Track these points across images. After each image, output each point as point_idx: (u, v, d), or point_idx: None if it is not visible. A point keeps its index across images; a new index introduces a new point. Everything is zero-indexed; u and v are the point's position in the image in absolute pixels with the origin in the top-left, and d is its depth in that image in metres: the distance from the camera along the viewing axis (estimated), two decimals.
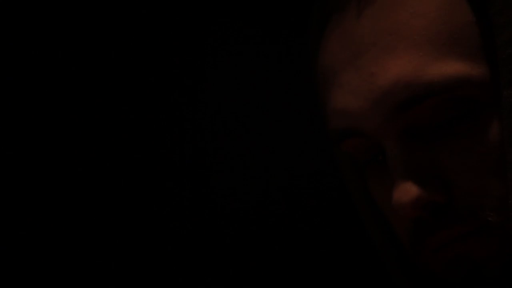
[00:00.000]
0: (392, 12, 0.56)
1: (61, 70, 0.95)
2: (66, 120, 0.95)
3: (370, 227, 0.67)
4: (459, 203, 0.55)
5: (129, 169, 0.95)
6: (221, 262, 0.95)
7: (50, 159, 0.95)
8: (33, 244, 0.94)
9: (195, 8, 0.95)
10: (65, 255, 0.94)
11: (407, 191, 0.55)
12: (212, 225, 0.95)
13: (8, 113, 0.94)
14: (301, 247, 0.95)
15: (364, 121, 0.57)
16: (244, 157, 0.95)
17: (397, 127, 0.56)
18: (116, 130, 0.95)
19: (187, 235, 0.95)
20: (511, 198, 0.52)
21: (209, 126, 0.95)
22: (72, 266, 0.94)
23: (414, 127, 0.56)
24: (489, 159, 0.54)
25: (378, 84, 0.55)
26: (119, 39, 0.95)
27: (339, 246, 0.94)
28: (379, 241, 0.67)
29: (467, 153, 0.55)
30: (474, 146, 0.55)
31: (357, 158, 0.62)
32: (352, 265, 0.93)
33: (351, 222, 0.72)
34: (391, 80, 0.55)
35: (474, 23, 0.55)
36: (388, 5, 0.56)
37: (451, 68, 0.54)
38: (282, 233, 0.95)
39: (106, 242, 0.95)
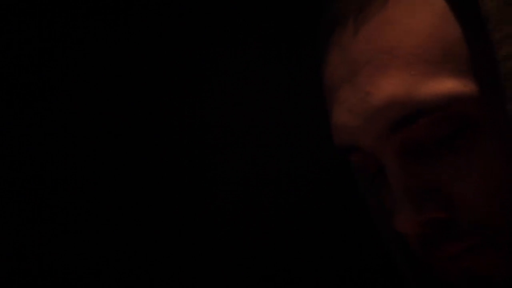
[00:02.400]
0: (386, 30, 0.56)
1: (61, 70, 0.95)
2: (66, 120, 0.95)
3: (384, 233, 0.68)
4: (460, 218, 0.56)
5: (129, 169, 0.95)
6: (221, 262, 0.95)
7: (50, 159, 0.95)
8: (33, 244, 0.94)
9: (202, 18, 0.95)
10: (65, 255, 0.94)
11: (407, 212, 0.55)
12: (211, 224, 0.96)
13: (9, 113, 0.94)
14: (305, 249, 0.95)
15: (361, 139, 0.58)
16: (246, 160, 0.95)
17: (393, 145, 0.57)
18: (116, 130, 0.95)
19: (187, 235, 0.95)
20: None
21: (210, 128, 0.95)
22: (72, 266, 0.94)
23: (411, 144, 0.57)
24: (486, 175, 0.55)
25: (372, 103, 0.56)
26: (119, 39, 0.95)
27: (353, 249, 0.94)
28: (394, 249, 0.67)
29: (463, 169, 0.55)
30: (471, 162, 0.55)
31: (366, 170, 0.62)
32: (365, 268, 0.93)
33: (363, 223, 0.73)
34: (384, 100, 0.55)
35: (466, 39, 0.55)
36: (383, 23, 0.57)
37: (444, 86, 0.54)
38: (287, 233, 0.95)
39: (105, 241, 0.95)
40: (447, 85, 0.54)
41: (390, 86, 0.55)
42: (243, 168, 0.95)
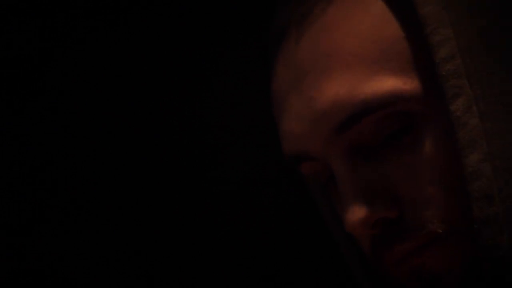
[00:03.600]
0: (327, 34, 0.57)
1: (61, 70, 0.95)
2: (66, 120, 0.95)
3: (340, 243, 0.69)
4: (409, 217, 0.56)
5: (129, 169, 0.95)
6: (220, 262, 0.95)
7: (50, 159, 0.95)
8: (33, 244, 0.94)
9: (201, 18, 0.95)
10: (65, 255, 0.94)
11: (355, 212, 0.56)
12: (211, 224, 0.96)
13: (9, 113, 0.94)
14: (306, 248, 0.95)
15: (308, 144, 0.58)
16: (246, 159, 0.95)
17: (340, 148, 0.57)
18: (116, 130, 0.95)
19: (187, 234, 0.95)
20: (475, 210, 0.53)
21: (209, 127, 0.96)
22: (72, 266, 0.94)
23: (357, 145, 0.58)
24: (432, 172, 0.56)
25: (316, 107, 0.57)
26: (119, 39, 0.95)
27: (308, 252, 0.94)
28: (350, 258, 0.68)
29: (410, 166, 0.56)
30: (417, 159, 0.56)
31: (317, 179, 0.63)
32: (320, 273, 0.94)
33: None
34: (327, 103, 0.56)
35: (404, 39, 0.56)
36: (323, 28, 0.58)
37: (384, 84, 0.55)
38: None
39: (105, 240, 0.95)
40: (389, 83, 0.55)
41: (333, 88, 0.56)
42: (243, 168, 0.95)
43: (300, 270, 0.95)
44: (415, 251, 0.56)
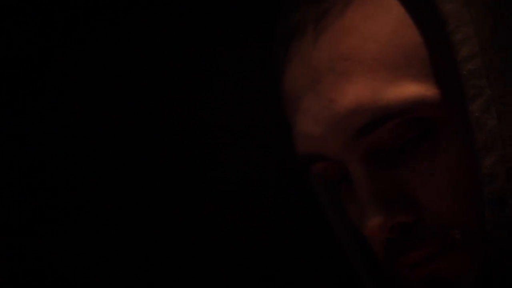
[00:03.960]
0: (347, 36, 0.57)
1: (61, 70, 0.95)
2: (66, 120, 0.95)
3: (346, 245, 0.68)
4: (426, 222, 0.56)
5: (129, 169, 0.95)
6: (220, 262, 0.95)
7: (50, 159, 0.95)
8: (33, 244, 0.94)
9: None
10: (65, 255, 0.94)
11: (374, 215, 0.56)
12: (211, 224, 0.96)
13: (9, 113, 0.94)
14: (306, 248, 0.95)
15: (326, 146, 0.58)
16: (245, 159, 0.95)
17: (359, 151, 0.57)
18: (116, 130, 0.95)
19: (187, 234, 0.95)
20: (487, 213, 0.52)
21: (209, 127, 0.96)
22: (72, 266, 0.94)
23: (376, 150, 0.57)
24: (451, 177, 0.55)
25: (336, 110, 0.56)
26: (119, 39, 0.95)
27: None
28: (355, 260, 0.68)
29: (429, 172, 0.56)
30: (435, 164, 0.56)
31: (328, 179, 0.62)
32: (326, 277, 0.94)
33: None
34: (348, 106, 0.56)
35: (426, 43, 0.56)
36: (343, 30, 0.57)
37: (407, 90, 0.55)
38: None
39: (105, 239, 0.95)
40: (411, 89, 0.55)
41: (354, 92, 0.56)
42: (243, 168, 0.95)
43: (300, 270, 0.95)
44: (431, 257, 0.56)
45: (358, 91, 0.55)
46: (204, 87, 0.95)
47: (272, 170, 0.95)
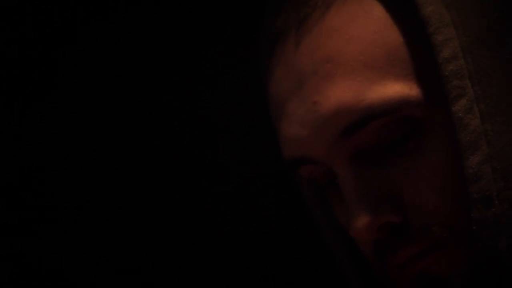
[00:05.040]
0: (328, 39, 0.57)
1: (62, 70, 0.95)
2: (67, 120, 0.95)
3: (333, 248, 0.69)
4: (413, 221, 0.56)
5: (129, 169, 0.95)
6: (220, 262, 0.95)
7: (50, 159, 0.95)
8: (33, 244, 0.94)
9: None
10: (65, 255, 0.94)
11: (360, 216, 0.56)
12: (211, 224, 0.96)
13: (9, 113, 0.94)
14: (306, 248, 0.95)
15: (312, 149, 0.58)
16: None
17: (344, 153, 0.57)
18: (116, 130, 0.95)
19: (187, 234, 0.95)
20: (473, 211, 0.53)
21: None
22: (72, 266, 0.94)
23: (362, 150, 0.57)
24: (437, 176, 0.55)
25: (320, 112, 0.57)
26: (119, 39, 0.95)
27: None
28: (343, 263, 0.68)
29: (414, 172, 0.56)
30: (421, 164, 0.56)
31: (316, 182, 0.63)
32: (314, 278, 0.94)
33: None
34: (332, 108, 0.56)
35: (408, 43, 0.56)
36: (325, 32, 0.57)
37: (390, 90, 0.55)
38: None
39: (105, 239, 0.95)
40: (394, 89, 0.55)
41: (337, 93, 0.56)
42: (243, 168, 0.95)
43: (300, 270, 0.95)
44: (419, 255, 0.56)
45: (341, 93, 0.56)
46: (204, 87, 0.95)
47: (272, 170, 0.95)
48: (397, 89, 0.55)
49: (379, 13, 0.57)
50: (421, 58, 0.55)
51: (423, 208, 0.56)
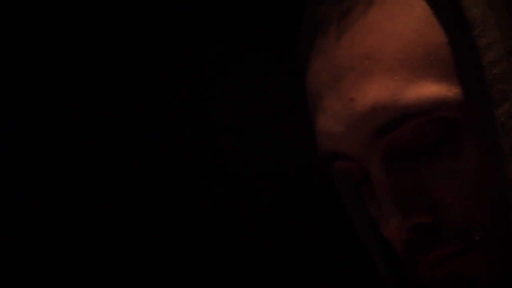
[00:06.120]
0: (368, 35, 0.56)
1: (63, 70, 0.95)
2: (70, 120, 0.95)
3: (368, 244, 0.68)
4: (446, 222, 0.56)
5: (129, 169, 0.95)
6: (220, 261, 0.95)
7: (51, 159, 0.95)
8: (32, 244, 0.94)
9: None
10: (65, 254, 0.94)
11: (392, 216, 0.56)
12: (211, 223, 0.96)
13: (9, 113, 0.94)
14: (306, 248, 0.95)
15: (346, 146, 0.57)
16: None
17: (379, 151, 0.57)
18: (116, 130, 0.95)
19: (187, 234, 0.95)
20: None
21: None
22: (72, 266, 0.94)
23: (396, 149, 0.57)
24: (471, 179, 0.55)
25: (356, 109, 0.56)
26: (121, 40, 0.95)
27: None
28: (377, 259, 0.68)
29: (449, 173, 0.55)
30: (456, 166, 0.55)
31: (351, 178, 0.62)
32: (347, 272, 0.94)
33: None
34: (368, 105, 0.55)
35: (448, 44, 0.55)
36: (366, 28, 0.57)
37: (427, 90, 0.54)
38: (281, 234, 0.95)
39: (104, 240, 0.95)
40: (431, 89, 0.54)
41: (374, 91, 0.55)
42: (243, 168, 0.95)
43: (300, 270, 0.95)
44: (450, 257, 0.56)
45: (378, 91, 0.55)
46: (205, 87, 0.95)
47: (272, 170, 0.95)
48: (434, 89, 0.54)
49: (422, 11, 0.56)
50: (461, 59, 0.55)
51: (456, 210, 0.55)
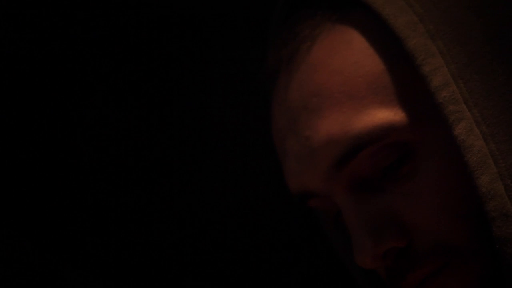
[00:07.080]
0: (314, 74, 0.58)
1: (62, 71, 0.95)
2: (69, 120, 0.95)
3: (354, 273, 0.69)
4: (418, 244, 0.57)
5: (129, 168, 0.95)
6: (220, 261, 0.96)
7: (51, 159, 0.95)
8: (33, 244, 0.95)
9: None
10: (64, 254, 0.95)
11: (364, 246, 0.56)
12: (210, 223, 0.96)
13: (9, 113, 0.94)
14: (306, 248, 0.95)
15: (310, 183, 0.59)
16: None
17: (342, 183, 0.58)
18: (116, 130, 0.95)
19: (186, 234, 0.96)
20: (494, 229, 0.53)
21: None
22: (72, 266, 0.95)
23: (359, 179, 0.58)
24: (435, 197, 0.56)
25: (312, 146, 0.58)
26: (120, 40, 0.95)
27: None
28: (365, 285, 0.68)
29: (412, 195, 0.56)
30: (417, 186, 0.56)
31: (327, 212, 0.63)
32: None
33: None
34: (322, 141, 0.57)
35: (389, 71, 0.56)
36: (310, 68, 0.58)
37: (375, 117, 0.56)
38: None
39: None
40: (378, 116, 0.56)
41: (325, 126, 0.57)
42: (243, 168, 0.95)
43: (300, 270, 0.95)
44: (427, 278, 0.57)
45: (329, 125, 0.57)
46: (204, 87, 0.95)
47: (271, 170, 0.95)
48: (381, 116, 0.56)
49: (359, 43, 0.57)
50: (405, 84, 0.56)
51: (426, 231, 0.56)
